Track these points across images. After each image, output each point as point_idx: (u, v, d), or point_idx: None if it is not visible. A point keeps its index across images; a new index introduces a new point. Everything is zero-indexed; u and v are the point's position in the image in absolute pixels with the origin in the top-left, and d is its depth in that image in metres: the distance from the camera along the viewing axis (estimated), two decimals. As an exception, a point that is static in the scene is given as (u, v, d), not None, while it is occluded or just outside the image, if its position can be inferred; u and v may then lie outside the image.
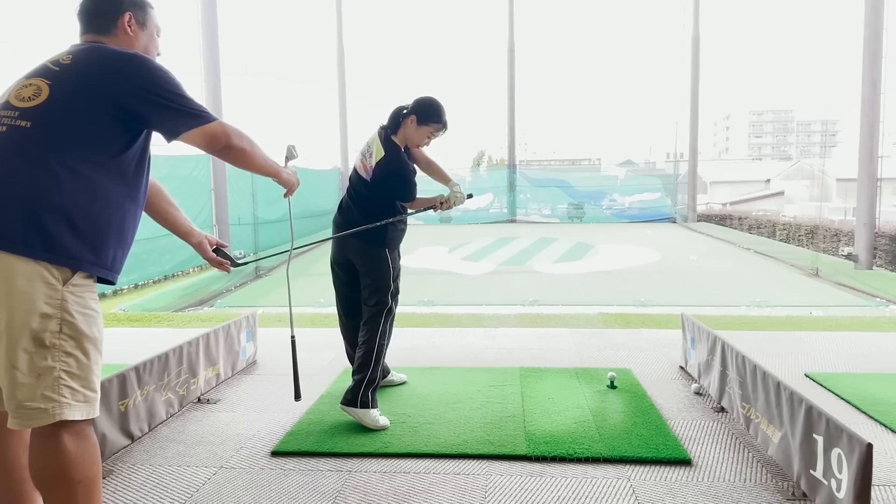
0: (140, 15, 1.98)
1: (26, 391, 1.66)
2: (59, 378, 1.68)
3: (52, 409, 1.67)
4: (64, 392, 1.69)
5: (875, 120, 11.33)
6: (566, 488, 2.50)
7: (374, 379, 3.13)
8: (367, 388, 3.10)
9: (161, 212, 2.28)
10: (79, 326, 1.72)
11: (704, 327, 3.64)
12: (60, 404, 1.68)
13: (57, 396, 1.68)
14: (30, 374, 1.66)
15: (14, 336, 1.65)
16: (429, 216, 24.79)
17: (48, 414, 1.67)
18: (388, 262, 3.23)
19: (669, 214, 22.70)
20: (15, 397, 1.67)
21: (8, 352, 1.65)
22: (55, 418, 1.68)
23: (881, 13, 11.21)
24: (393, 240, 3.28)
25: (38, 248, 1.65)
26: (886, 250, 12.39)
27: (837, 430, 2.12)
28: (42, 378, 1.67)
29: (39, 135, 1.70)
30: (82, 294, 1.74)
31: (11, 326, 1.64)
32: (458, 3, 69.61)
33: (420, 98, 3.29)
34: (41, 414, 1.67)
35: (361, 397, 3.08)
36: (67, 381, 1.70)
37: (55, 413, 1.67)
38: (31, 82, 1.77)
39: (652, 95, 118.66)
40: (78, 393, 1.72)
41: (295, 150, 2.47)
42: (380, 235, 3.19)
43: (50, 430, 1.69)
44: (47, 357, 1.67)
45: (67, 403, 1.69)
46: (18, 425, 1.68)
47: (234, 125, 1.96)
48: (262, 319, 5.31)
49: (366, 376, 3.11)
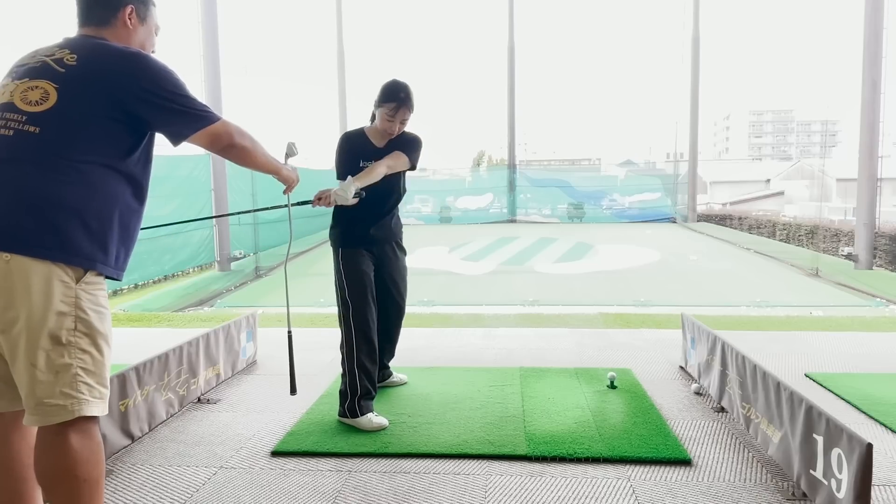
0: (142, 9, 1.97)
1: (45, 388, 1.69)
2: (77, 375, 1.72)
3: (70, 406, 1.70)
4: (81, 388, 1.72)
5: (875, 120, 11.33)
6: (566, 488, 2.50)
7: (355, 388, 3.08)
8: (353, 399, 3.08)
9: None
10: (92, 323, 1.76)
11: (704, 327, 3.64)
12: (79, 400, 1.72)
13: (75, 393, 1.71)
14: (48, 371, 1.69)
15: (33, 335, 1.68)
16: (429, 216, 24.70)
17: (67, 410, 1.70)
18: (340, 262, 3.15)
19: (669, 214, 22.70)
20: (34, 394, 1.70)
21: (27, 350, 1.68)
22: (74, 414, 1.71)
23: (881, 13, 11.22)
24: (344, 236, 3.18)
25: (53, 250, 1.69)
26: (886, 250, 12.39)
27: (837, 430, 2.12)
28: (60, 375, 1.70)
29: (49, 140, 1.72)
30: (94, 292, 1.78)
31: (30, 325, 1.67)
32: (458, 3, 69.62)
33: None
34: (60, 410, 1.70)
35: (348, 407, 3.09)
36: (84, 378, 1.73)
37: (74, 409, 1.71)
38: (37, 85, 1.76)
39: (652, 95, 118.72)
40: (94, 389, 1.76)
41: (295, 147, 2.47)
42: (332, 232, 3.20)
43: (57, 428, 1.71)
44: (64, 354, 1.71)
45: (85, 399, 1.73)
46: (37, 422, 1.71)
47: (236, 123, 1.97)
48: (262, 319, 5.30)
49: (346, 386, 3.11)
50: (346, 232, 3.19)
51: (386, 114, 3.11)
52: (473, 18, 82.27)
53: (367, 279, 3.18)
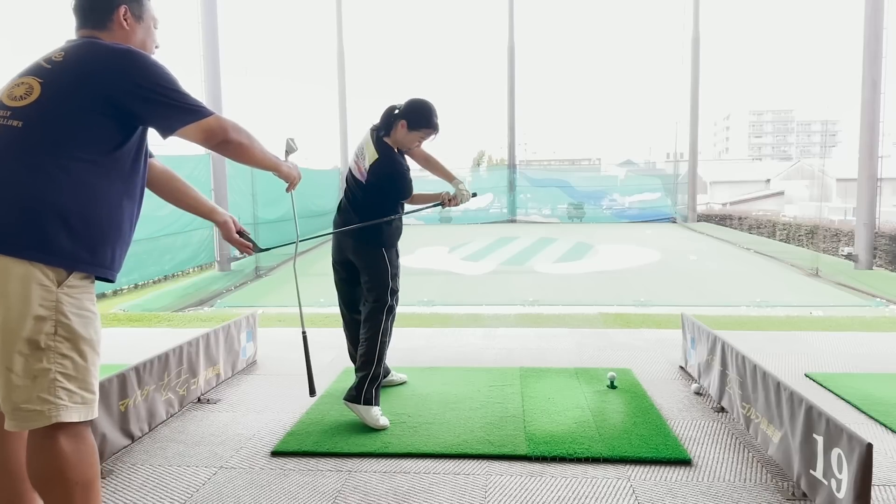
0: (136, 8, 1.94)
1: (22, 393, 1.65)
2: (55, 380, 1.67)
3: (48, 411, 1.66)
4: (60, 394, 1.68)
5: (875, 120, 11.33)
6: (566, 488, 2.50)
7: (377, 376, 3.14)
8: (371, 385, 3.12)
9: (178, 195, 2.27)
10: (74, 328, 1.70)
11: (704, 327, 3.64)
12: (57, 406, 1.67)
13: (53, 398, 1.67)
14: (25, 376, 1.65)
15: (9, 339, 1.64)
16: (429, 216, 24.71)
17: (44, 416, 1.66)
18: (386, 261, 3.22)
19: (669, 214, 22.69)
20: (11, 399, 1.66)
21: (3, 354, 1.64)
22: (51, 420, 1.67)
23: (881, 13, 11.21)
24: (389, 238, 3.27)
25: (32, 249, 1.64)
26: (886, 250, 12.39)
27: (837, 430, 2.11)
28: (37, 380, 1.66)
29: (31, 134, 1.69)
30: (78, 295, 1.72)
31: (6, 329, 1.63)
32: (458, 3, 69.62)
33: (411, 102, 3.25)
34: (37, 416, 1.66)
35: (365, 394, 3.10)
36: (64, 383, 1.68)
37: (51, 415, 1.67)
38: (23, 81, 1.75)
39: (652, 95, 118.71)
40: (75, 395, 1.70)
41: (294, 142, 2.45)
42: (375, 235, 3.19)
43: (46, 431, 1.68)
44: (42, 359, 1.66)
45: (64, 405, 1.68)
46: (15, 427, 1.68)
47: (232, 119, 1.93)
48: (263, 319, 5.31)
49: (369, 373, 3.12)
50: (391, 234, 3.29)
51: (421, 138, 3.29)
52: (474, 18, 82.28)
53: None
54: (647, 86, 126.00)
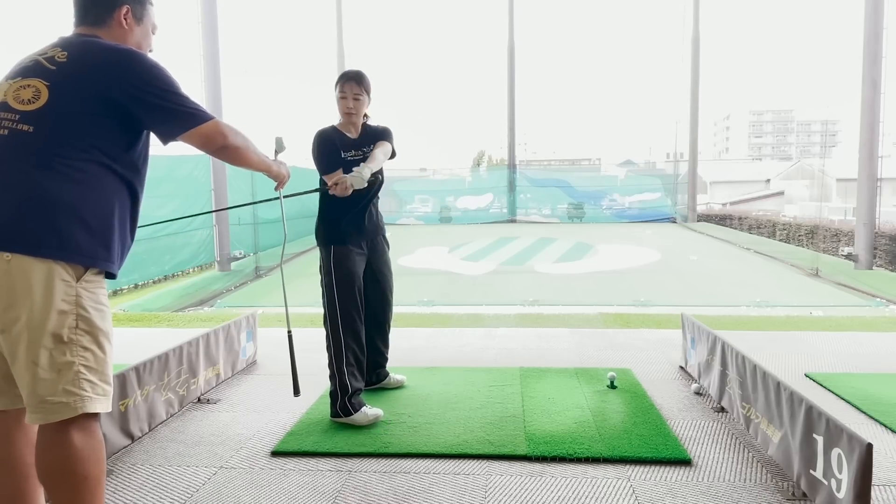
0: (138, 10, 1.97)
1: (48, 386, 1.70)
2: (79, 372, 1.73)
3: (73, 403, 1.71)
4: (84, 386, 1.74)
5: (875, 120, 11.33)
6: (566, 488, 2.50)
7: (345, 388, 3.12)
8: (343, 398, 3.11)
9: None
10: (93, 321, 1.77)
11: (704, 327, 3.64)
12: (82, 398, 1.73)
13: (78, 390, 1.72)
14: (51, 369, 1.70)
15: (34, 334, 1.69)
16: (428, 216, 24.56)
17: (70, 408, 1.71)
18: (331, 261, 3.16)
19: (669, 214, 22.69)
20: (37, 393, 1.70)
21: (28, 349, 1.69)
22: (77, 411, 1.72)
23: (881, 13, 11.22)
24: (332, 234, 3.19)
25: (53, 249, 1.69)
26: (886, 250, 12.40)
27: (837, 430, 2.11)
28: (62, 373, 1.71)
29: (43, 138, 1.72)
30: (94, 290, 1.79)
31: (31, 325, 1.68)
32: (458, 3, 69.63)
33: None
34: (63, 408, 1.71)
35: (340, 407, 3.12)
36: (87, 375, 1.74)
37: (77, 406, 1.72)
38: (29, 83, 1.76)
39: (652, 95, 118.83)
40: (97, 386, 1.77)
41: (283, 141, 2.45)
42: (318, 230, 3.21)
43: (59, 425, 1.72)
44: (66, 352, 1.72)
45: (88, 396, 1.74)
46: (40, 420, 1.72)
47: (228, 122, 1.96)
48: (262, 319, 5.30)
49: (336, 387, 3.14)
50: (336, 228, 3.20)
51: (338, 94, 3.21)
52: (474, 18, 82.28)
53: (357, 278, 3.23)
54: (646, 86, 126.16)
